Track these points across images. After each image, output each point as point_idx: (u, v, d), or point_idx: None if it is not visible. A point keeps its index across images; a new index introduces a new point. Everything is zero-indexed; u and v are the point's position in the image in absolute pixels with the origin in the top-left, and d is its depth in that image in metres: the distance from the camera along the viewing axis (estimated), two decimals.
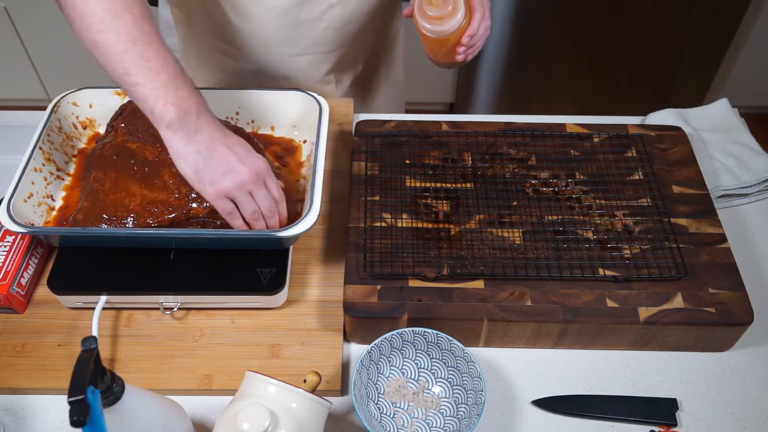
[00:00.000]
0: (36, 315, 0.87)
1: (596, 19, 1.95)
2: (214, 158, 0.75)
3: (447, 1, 0.88)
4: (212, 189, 0.76)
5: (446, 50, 0.94)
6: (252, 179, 0.77)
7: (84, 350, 0.57)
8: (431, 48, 0.96)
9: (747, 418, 0.80)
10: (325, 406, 0.70)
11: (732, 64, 2.20)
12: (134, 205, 0.84)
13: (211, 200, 0.77)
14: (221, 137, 0.76)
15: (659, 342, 0.84)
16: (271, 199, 0.79)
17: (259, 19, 1.05)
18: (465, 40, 0.91)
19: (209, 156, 0.75)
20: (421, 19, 0.90)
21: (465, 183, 0.95)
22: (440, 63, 1.01)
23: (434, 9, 0.88)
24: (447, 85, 2.29)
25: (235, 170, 0.76)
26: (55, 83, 2.32)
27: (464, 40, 0.91)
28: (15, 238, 0.87)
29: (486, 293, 0.82)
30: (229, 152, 0.76)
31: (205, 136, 0.75)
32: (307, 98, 0.96)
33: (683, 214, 0.91)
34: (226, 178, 0.75)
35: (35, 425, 0.79)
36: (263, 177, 0.78)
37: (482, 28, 0.92)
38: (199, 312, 0.87)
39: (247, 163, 0.76)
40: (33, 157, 0.87)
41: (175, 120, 0.73)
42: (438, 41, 0.92)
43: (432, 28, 0.90)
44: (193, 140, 0.75)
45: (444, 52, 0.95)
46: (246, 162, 0.76)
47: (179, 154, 0.75)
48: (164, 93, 0.73)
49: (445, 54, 0.95)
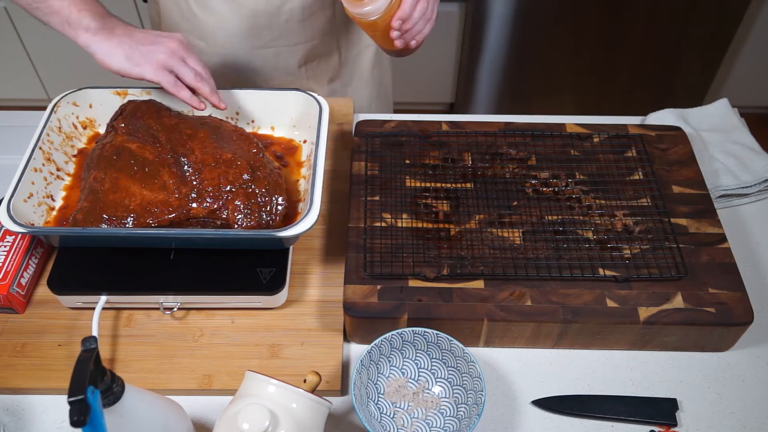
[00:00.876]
0: (36, 315, 0.87)
1: (596, 19, 1.95)
2: (138, 42, 0.83)
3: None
4: (150, 65, 0.82)
5: (381, 35, 0.89)
6: (178, 47, 0.85)
7: (84, 350, 0.57)
8: (366, 32, 0.91)
9: (747, 418, 0.80)
10: (325, 406, 0.70)
11: (732, 64, 2.20)
12: (134, 205, 0.84)
13: (152, 76, 0.83)
14: (133, 29, 0.86)
15: (659, 342, 0.84)
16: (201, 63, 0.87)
17: (222, 12, 1.06)
18: (396, 23, 0.85)
19: (133, 42, 0.83)
20: (346, 1, 0.85)
21: (465, 183, 0.95)
22: (386, 50, 0.96)
23: None
24: (447, 85, 2.29)
25: (160, 42, 0.84)
26: (55, 83, 2.32)
27: (395, 23, 0.85)
28: (15, 238, 0.87)
29: (486, 293, 0.82)
30: (146, 34, 0.84)
31: (122, 29, 0.84)
32: (307, 98, 0.96)
33: (683, 214, 0.91)
34: (157, 51, 0.83)
35: (35, 425, 0.79)
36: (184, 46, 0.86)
37: (417, 11, 0.86)
38: (199, 312, 0.87)
39: (165, 36, 0.85)
40: (33, 157, 0.87)
41: (92, 24, 0.82)
42: (367, 25, 0.87)
43: (357, 11, 0.84)
44: (113, 35, 0.83)
45: (380, 37, 0.89)
46: (164, 35, 0.85)
47: (105, 51, 0.83)
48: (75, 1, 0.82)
49: (382, 40, 0.89)
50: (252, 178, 0.85)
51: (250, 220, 0.83)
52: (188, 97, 0.85)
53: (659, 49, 2.03)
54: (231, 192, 0.84)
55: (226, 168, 0.85)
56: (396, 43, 0.88)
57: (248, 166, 0.86)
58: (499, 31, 1.99)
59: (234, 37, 1.09)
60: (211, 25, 1.08)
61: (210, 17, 1.07)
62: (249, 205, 0.84)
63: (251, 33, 1.08)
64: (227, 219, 0.84)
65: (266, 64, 1.13)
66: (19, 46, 2.19)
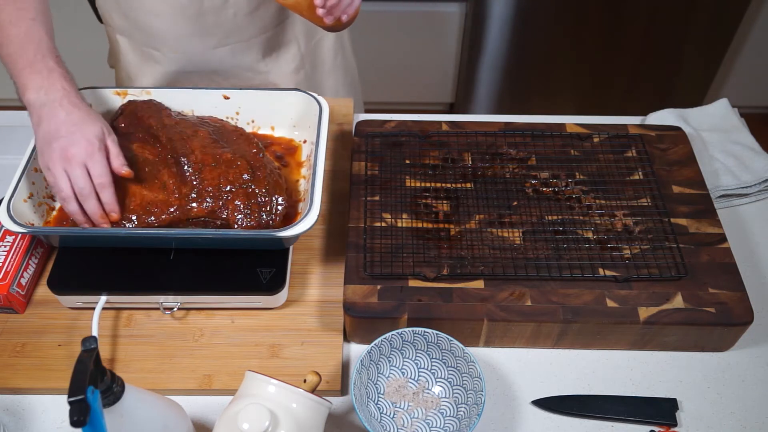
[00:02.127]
0: (36, 315, 0.87)
1: (596, 20, 1.95)
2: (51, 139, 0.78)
3: None
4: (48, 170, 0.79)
5: (308, 14, 0.86)
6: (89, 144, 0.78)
7: (84, 350, 0.57)
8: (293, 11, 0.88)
9: (747, 418, 0.80)
10: (325, 406, 0.70)
11: (732, 64, 2.20)
12: (134, 205, 0.84)
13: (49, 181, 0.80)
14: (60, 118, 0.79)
15: (659, 342, 0.84)
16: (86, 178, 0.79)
17: (166, 14, 1.04)
18: (318, 1, 0.82)
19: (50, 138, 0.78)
20: None
21: (465, 183, 0.95)
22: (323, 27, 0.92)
23: None
24: (447, 85, 2.29)
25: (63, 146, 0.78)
26: None
27: (317, 1, 0.82)
28: (15, 238, 0.87)
29: (486, 293, 0.82)
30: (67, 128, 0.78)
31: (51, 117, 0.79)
32: (307, 98, 0.96)
33: (683, 214, 0.91)
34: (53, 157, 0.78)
35: (35, 425, 0.79)
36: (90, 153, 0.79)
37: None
38: (199, 312, 0.87)
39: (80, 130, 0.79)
40: (33, 157, 0.87)
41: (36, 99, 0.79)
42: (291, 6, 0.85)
43: None
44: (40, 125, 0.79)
45: (307, 16, 0.87)
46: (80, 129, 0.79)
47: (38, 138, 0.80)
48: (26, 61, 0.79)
49: (310, 15, 0.86)
50: (252, 178, 0.85)
51: (250, 220, 0.83)
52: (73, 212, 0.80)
53: (659, 49, 2.03)
54: (231, 192, 0.84)
55: (226, 168, 0.85)
56: (326, 21, 0.85)
57: (248, 166, 0.86)
58: (499, 31, 1.99)
59: (185, 39, 1.07)
60: (161, 31, 1.06)
61: (158, 23, 1.05)
62: (249, 205, 0.84)
63: (201, 33, 1.06)
64: (227, 219, 0.84)
65: (224, 63, 1.11)
66: None
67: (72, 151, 0.77)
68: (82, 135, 0.78)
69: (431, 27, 2.08)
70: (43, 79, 0.79)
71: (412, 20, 2.04)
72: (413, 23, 2.04)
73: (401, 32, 2.09)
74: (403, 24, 2.07)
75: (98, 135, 0.80)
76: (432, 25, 2.08)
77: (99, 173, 0.79)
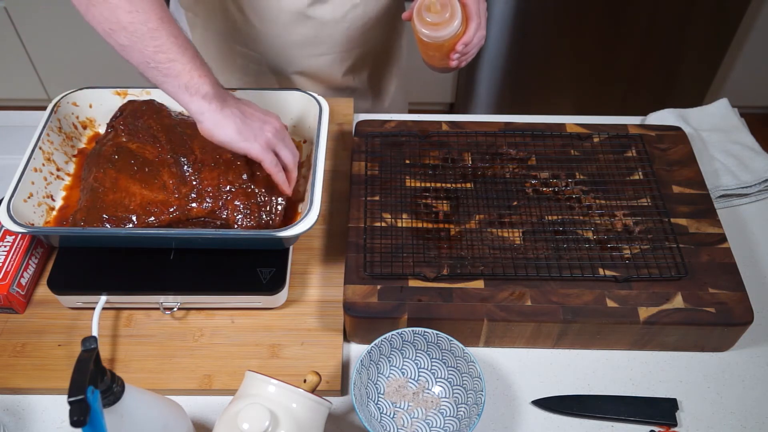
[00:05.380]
0: (36, 315, 0.87)
1: (596, 19, 1.95)
2: (248, 118, 0.80)
3: (445, 8, 0.89)
4: (258, 142, 0.80)
5: (441, 55, 0.96)
6: (281, 128, 0.83)
7: (84, 350, 0.57)
8: (426, 52, 0.98)
9: (747, 418, 0.80)
10: (325, 406, 0.70)
11: (732, 64, 2.20)
12: (134, 205, 0.84)
13: (259, 155, 0.80)
14: (243, 103, 0.82)
15: (659, 342, 0.84)
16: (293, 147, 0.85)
17: (284, 23, 1.06)
18: (460, 47, 0.93)
19: (244, 117, 0.80)
20: (420, 24, 0.92)
21: (465, 183, 0.95)
22: (434, 67, 1.02)
23: (433, 15, 0.90)
24: (447, 85, 2.29)
25: (268, 122, 0.82)
26: (55, 83, 2.32)
27: (459, 47, 0.93)
28: (15, 238, 0.87)
29: (486, 293, 0.82)
30: (255, 111, 0.82)
31: (232, 102, 0.80)
32: (307, 98, 0.96)
33: (683, 214, 0.91)
34: (266, 129, 0.80)
35: (35, 425, 0.79)
36: (283, 127, 0.85)
37: (477, 38, 0.94)
38: (199, 312, 0.87)
39: (272, 116, 0.83)
40: (33, 157, 0.87)
41: (210, 91, 0.77)
42: (434, 46, 0.94)
43: (429, 34, 0.91)
44: (227, 106, 0.79)
45: (439, 57, 0.97)
46: (270, 115, 0.83)
47: (215, 121, 0.78)
48: (197, 66, 0.77)
49: (440, 59, 0.97)
50: (251, 178, 0.85)
51: (250, 220, 0.83)
52: (282, 181, 0.83)
53: (659, 49, 2.03)
54: (231, 192, 0.84)
55: (226, 168, 0.85)
56: (452, 64, 0.96)
57: (248, 166, 0.86)
58: (499, 31, 1.99)
59: (292, 46, 1.10)
60: (269, 36, 1.08)
61: (270, 29, 1.07)
62: (249, 205, 0.84)
63: (311, 42, 1.10)
64: (227, 219, 0.84)
65: (319, 71, 1.15)
66: (19, 46, 2.19)
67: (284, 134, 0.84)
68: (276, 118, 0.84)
69: None
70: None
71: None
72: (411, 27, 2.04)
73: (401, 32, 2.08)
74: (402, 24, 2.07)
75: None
76: None
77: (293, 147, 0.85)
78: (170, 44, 0.75)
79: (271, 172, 0.82)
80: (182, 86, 0.76)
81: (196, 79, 0.76)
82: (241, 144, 0.79)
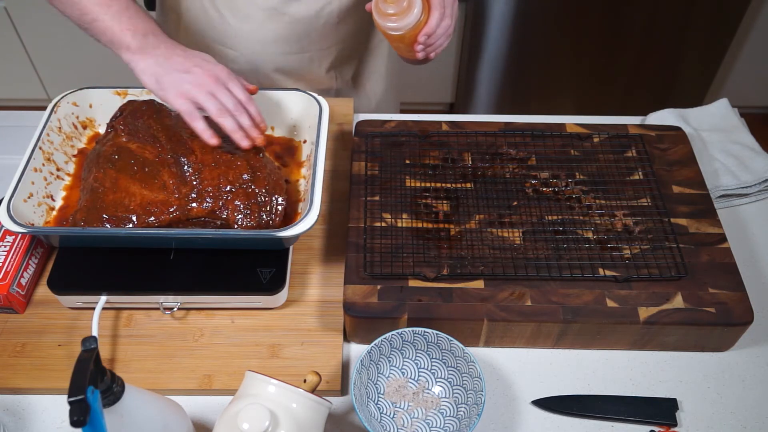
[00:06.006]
0: (36, 315, 0.87)
1: (596, 19, 1.95)
2: (172, 65, 0.82)
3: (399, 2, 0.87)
4: (173, 91, 0.82)
5: (405, 47, 0.94)
6: (211, 80, 0.82)
7: (84, 350, 0.57)
8: (392, 44, 0.96)
9: (747, 418, 0.80)
10: (325, 406, 0.70)
11: (732, 64, 2.20)
12: (134, 205, 0.84)
13: (172, 102, 0.82)
14: (180, 51, 0.84)
15: (659, 342, 0.84)
16: (234, 99, 0.84)
17: (258, 19, 1.06)
18: (422, 38, 0.90)
19: (168, 64, 0.82)
20: (377, 15, 0.90)
21: (465, 183, 0.95)
22: (405, 59, 1.01)
23: (389, 6, 0.88)
24: (447, 85, 2.29)
25: (192, 72, 0.82)
26: (55, 83, 2.32)
27: (421, 38, 0.90)
28: (15, 238, 0.87)
29: (486, 293, 0.82)
30: (186, 60, 0.83)
31: (163, 50, 0.83)
32: (307, 98, 0.96)
33: (683, 214, 0.91)
34: (185, 79, 0.82)
35: (35, 425, 0.79)
36: (224, 81, 0.84)
37: (441, 28, 0.91)
38: (199, 312, 0.87)
39: (204, 68, 0.83)
40: (33, 157, 0.87)
41: (132, 42, 0.82)
42: (396, 38, 0.92)
43: (387, 25, 0.89)
44: (152, 55, 0.83)
45: (404, 48, 0.95)
46: (204, 66, 0.83)
47: (141, 69, 0.83)
48: (119, 21, 0.82)
49: (405, 50, 0.95)
50: (252, 178, 0.85)
51: (250, 220, 0.83)
52: (201, 129, 0.84)
53: (659, 49, 2.03)
54: (231, 192, 0.84)
55: (226, 168, 0.85)
56: (418, 55, 0.94)
57: (248, 166, 0.86)
58: (499, 31, 1.99)
59: (269, 43, 1.09)
60: (245, 33, 1.08)
61: (245, 25, 1.07)
62: (249, 205, 0.84)
63: (288, 39, 1.09)
64: (227, 219, 0.84)
65: (298, 69, 1.14)
66: (19, 46, 2.19)
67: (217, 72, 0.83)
68: (215, 65, 0.85)
69: None
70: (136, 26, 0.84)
71: None
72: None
73: None
74: None
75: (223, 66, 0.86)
76: None
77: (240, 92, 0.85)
78: (92, 5, 0.83)
79: (186, 120, 0.84)
80: (109, 42, 0.83)
81: (118, 33, 0.82)
82: (159, 93, 0.83)
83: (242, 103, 0.84)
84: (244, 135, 0.85)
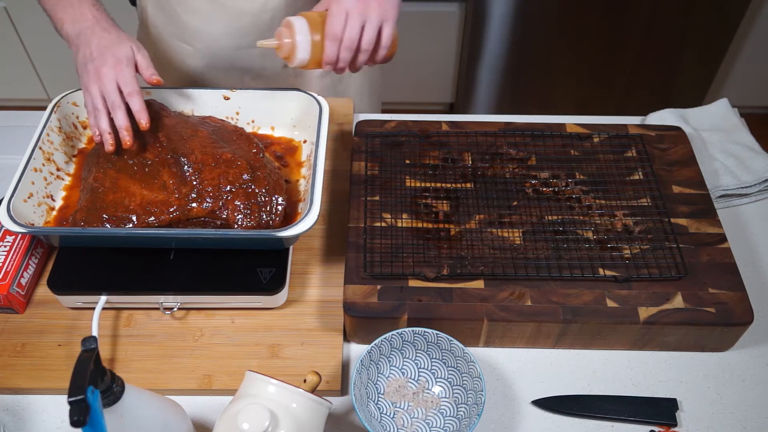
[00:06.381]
0: (36, 315, 0.87)
1: (596, 19, 1.95)
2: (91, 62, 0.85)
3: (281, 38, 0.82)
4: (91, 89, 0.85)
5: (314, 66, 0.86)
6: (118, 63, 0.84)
7: (84, 350, 0.57)
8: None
9: (747, 418, 0.80)
10: (325, 406, 0.70)
11: (732, 64, 2.20)
12: (134, 205, 0.84)
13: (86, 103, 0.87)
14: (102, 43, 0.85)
15: (659, 342, 0.84)
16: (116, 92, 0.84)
17: (204, 12, 1.06)
18: (326, 68, 0.84)
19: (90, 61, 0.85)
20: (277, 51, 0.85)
21: (465, 183, 0.95)
22: None
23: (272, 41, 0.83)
24: (447, 85, 2.29)
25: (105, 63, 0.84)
26: (55, 83, 2.32)
27: (325, 68, 0.84)
28: (15, 238, 0.87)
29: (486, 293, 0.82)
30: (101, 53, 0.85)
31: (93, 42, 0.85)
32: (307, 98, 0.96)
33: (683, 214, 0.91)
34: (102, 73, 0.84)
35: (35, 425, 0.79)
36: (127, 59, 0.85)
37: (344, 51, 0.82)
38: (199, 312, 0.87)
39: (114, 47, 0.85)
40: (33, 157, 0.87)
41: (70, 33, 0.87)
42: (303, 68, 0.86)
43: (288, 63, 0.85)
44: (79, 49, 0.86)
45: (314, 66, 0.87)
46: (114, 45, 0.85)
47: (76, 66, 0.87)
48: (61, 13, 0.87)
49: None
50: (252, 178, 0.85)
51: (250, 220, 0.83)
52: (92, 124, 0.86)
53: (659, 49, 2.03)
54: (231, 192, 0.84)
55: (226, 168, 0.85)
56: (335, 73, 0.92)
57: (248, 166, 0.86)
58: (499, 31, 1.99)
59: (219, 38, 1.09)
60: (195, 27, 1.08)
61: (194, 19, 1.07)
62: (249, 205, 0.84)
63: (236, 33, 1.08)
64: (227, 219, 0.84)
65: (253, 64, 1.13)
66: (19, 46, 2.19)
67: (103, 71, 0.84)
68: (112, 55, 0.84)
69: (431, 27, 2.08)
70: (75, 11, 0.88)
71: (411, 20, 2.04)
72: (413, 23, 2.04)
73: (401, 32, 2.09)
74: (402, 24, 2.07)
75: (127, 54, 0.85)
76: (432, 25, 2.08)
77: (126, 83, 0.84)
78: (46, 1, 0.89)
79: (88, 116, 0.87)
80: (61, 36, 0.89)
81: (60, 25, 0.87)
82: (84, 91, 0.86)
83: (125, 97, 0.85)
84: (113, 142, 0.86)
